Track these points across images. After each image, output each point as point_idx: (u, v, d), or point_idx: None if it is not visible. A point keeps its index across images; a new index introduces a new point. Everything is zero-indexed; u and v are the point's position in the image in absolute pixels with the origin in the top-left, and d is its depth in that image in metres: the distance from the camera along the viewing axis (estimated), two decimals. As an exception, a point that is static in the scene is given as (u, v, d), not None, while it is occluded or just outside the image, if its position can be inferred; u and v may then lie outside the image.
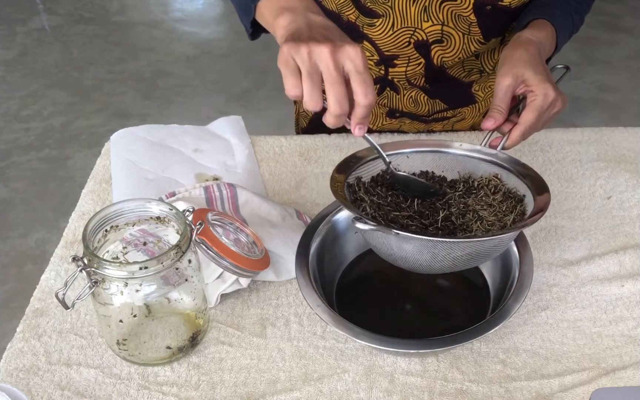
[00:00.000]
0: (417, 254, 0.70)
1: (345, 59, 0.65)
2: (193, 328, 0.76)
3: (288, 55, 0.65)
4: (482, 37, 0.98)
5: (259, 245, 0.80)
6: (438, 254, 0.69)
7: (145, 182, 0.97)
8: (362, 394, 0.71)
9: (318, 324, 0.79)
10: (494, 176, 0.81)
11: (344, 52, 0.64)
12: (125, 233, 0.75)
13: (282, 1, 0.74)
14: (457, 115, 1.11)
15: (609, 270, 0.85)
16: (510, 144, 0.81)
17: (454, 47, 0.98)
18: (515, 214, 0.75)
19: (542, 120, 0.81)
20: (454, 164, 0.83)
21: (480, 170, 0.82)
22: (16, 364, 0.75)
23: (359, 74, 0.65)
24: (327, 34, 0.67)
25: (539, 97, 0.80)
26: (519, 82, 0.81)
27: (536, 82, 0.80)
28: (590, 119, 2.76)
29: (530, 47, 0.84)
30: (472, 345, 0.76)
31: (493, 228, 0.73)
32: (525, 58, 0.82)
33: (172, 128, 1.10)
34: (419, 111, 1.09)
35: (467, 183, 0.81)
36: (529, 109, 0.80)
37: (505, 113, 0.81)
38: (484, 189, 0.79)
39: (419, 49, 0.99)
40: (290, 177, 1.03)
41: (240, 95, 2.95)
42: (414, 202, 0.76)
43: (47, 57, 3.30)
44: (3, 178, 2.49)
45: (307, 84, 0.65)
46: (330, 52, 0.64)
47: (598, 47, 3.23)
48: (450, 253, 0.69)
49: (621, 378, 0.72)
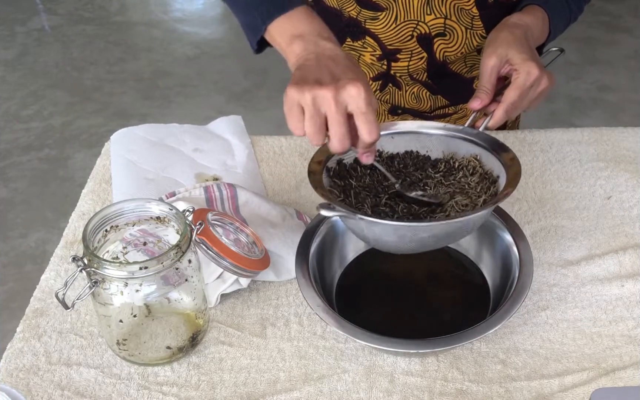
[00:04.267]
0: (385, 235, 0.72)
1: (348, 99, 0.66)
2: (193, 328, 0.76)
3: (292, 99, 0.67)
4: (484, 31, 0.98)
5: (259, 245, 0.80)
6: (405, 235, 0.71)
7: (145, 181, 0.97)
8: (362, 394, 0.71)
9: (318, 324, 0.79)
10: (473, 157, 0.82)
11: (346, 92, 0.66)
12: (125, 233, 0.75)
13: (291, 27, 0.75)
14: (458, 111, 1.11)
15: (609, 270, 0.85)
16: (494, 122, 0.83)
17: (456, 41, 0.99)
18: (487, 195, 0.76)
19: (527, 99, 0.83)
20: (438, 144, 0.84)
21: (463, 151, 0.83)
22: (16, 364, 0.75)
23: (362, 113, 0.66)
24: (334, 67, 0.68)
25: (522, 75, 0.81)
26: (503, 62, 0.83)
27: (519, 61, 0.81)
28: (590, 119, 2.76)
29: (516, 29, 0.86)
30: (472, 345, 0.76)
31: (466, 209, 0.75)
32: (510, 39, 0.84)
33: (171, 127, 1.10)
34: (421, 107, 1.09)
35: (448, 163, 0.82)
36: (511, 87, 0.82)
37: (490, 93, 0.83)
38: (463, 169, 0.81)
39: (422, 43, 0.99)
40: (290, 177, 1.03)
41: (240, 95, 2.95)
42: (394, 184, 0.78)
43: (47, 57, 3.30)
44: (3, 178, 2.49)
45: (310, 126, 0.67)
46: (333, 97, 0.65)
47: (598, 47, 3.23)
48: (416, 235, 0.71)
49: (621, 378, 0.72)
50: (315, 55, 0.71)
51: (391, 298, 0.83)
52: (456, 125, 0.84)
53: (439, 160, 0.83)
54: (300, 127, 0.68)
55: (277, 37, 0.76)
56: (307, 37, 0.73)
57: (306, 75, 0.68)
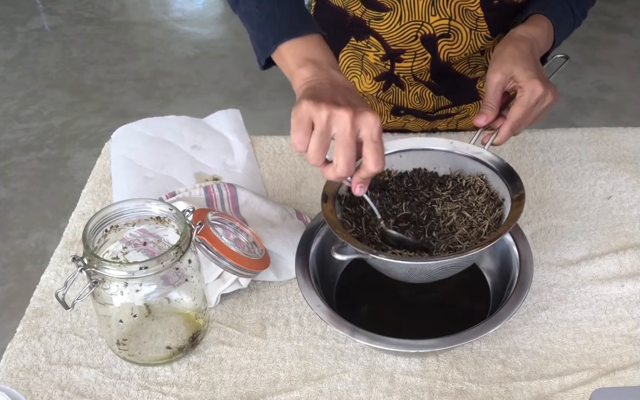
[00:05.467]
0: (396, 268, 0.74)
1: (363, 125, 0.66)
2: (193, 328, 0.76)
3: (306, 112, 0.66)
4: (488, 32, 0.98)
5: (259, 245, 0.80)
6: (414, 269, 0.74)
7: (145, 180, 0.97)
8: (362, 394, 0.71)
9: (318, 324, 0.79)
10: (479, 177, 0.82)
11: (363, 118, 0.65)
12: (125, 233, 0.75)
13: (306, 51, 0.74)
14: (461, 112, 1.11)
15: (609, 270, 0.85)
16: (500, 139, 0.83)
17: (460, 42, 0.99)
18: (491, 220, 0.77)
19: (531, 115, 0.83)
20: (445, 161, 0.84)
21: (469, 169, 0.83)
22: (16, 364, 0.75)
23: (373, 142, 0.66)
24: (349, 95, 0.68)
25: (526, 93, 0.81)
26: (508, 79, 0.83)
27: (524, 78, 0.81)
28: (590, 119, 2.76)
29: (522, 43, 0.86)
30: (472, 345, 0.76)
31: (468, 241, 0.76)
32: (516, 55, 0.84)
33: (169, 121, 1.09)
34: (424, 108, 1.09)
35: (455, 181, 0.83)
36: (516, 104, 0.82)
37: (495, 110, 0.83)
38: (470, 188, 0.82)
39: (426, 44, 0.99)
40: (290, 177, 1.03)
41: (240, 95, 2.95)
42: (402, 205, 0.81)
43: (47, 57, 3.30)
44: (3, 178, 2.49)
45: (315, 143, 0.66)
46: (350, 118, 0.65)
47: (598, 47, 3.23)
48: (424, 269, 0.74)
49: (621, 378, 0.72)
50: (330, 81, 0.70)
51: (391, 298, 0.83)
52: (463, 142, 0.84)
53: (447, 177, 0.84)
54: (305, 142, 0.66)
55: (288, 57, 0.75)
56: (321, 64, 0.72)
57: (322, 95, 0.67)
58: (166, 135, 1.06)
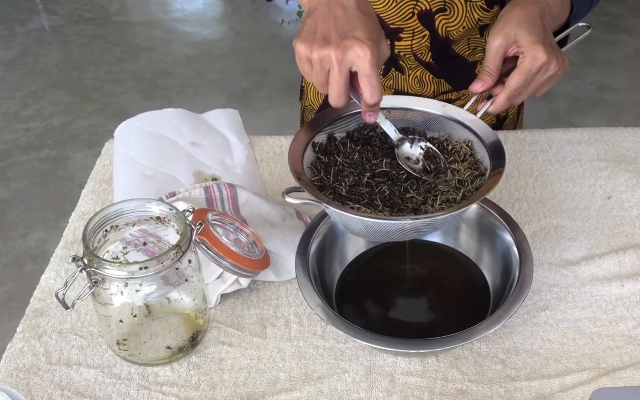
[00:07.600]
0: (351, 224, 0.72)
1: (354, 59, 0.66)
2: (193, 328, 0.76)
3: (301, 55, 0.69)
4: (484, 2, 0.97)
5: (259, 245, 0.80)
6: (371, 227, 0.71)
7: (144, 178, 0.97)
8: (362, 394, 0.71)
9: (318, 324, 0.79)
10: (465, 143, 0.79)
11: (352, 53, 0.66)
12: (125, 233, 0.75)
13: None
14: (461, 98, 1.10)
15: (609, 270, 0.85)
16: (495, 108, 0.79)
17: (457, 16, 0.98)
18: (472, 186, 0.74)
19: (532, 85, 0.78)
20: (435, 123, 0.81)
21: (458, 134, 0.80)
22: (16, 364, 0.75)
23: (365, 76, 0.67)
24: (343, 20, 0.68)
25: (528, 59, 0.76)
26: (510, 43, 0.77)
27: (527, 43, 0.76)
28: (590, 119, 2.76)
29: (531, 6, 0.79)
30: (472, 345, 0.76)
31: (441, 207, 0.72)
32: (521, 17, 0.78)
33: (167, 114, 1.08)
34: (424, 92, 1.09)
35: (442, 145, 0.80)
36: (516, 71, 0.77)
37: (495, 75, 0.78)
38: (455, 154, 0.78)
39: (423, 20, 0.99)
40: (290, 177, 1.02)
41: (240, 95, 2.95)
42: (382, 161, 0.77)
43: (47, 57, 3.30)
44: (3, 178, 2.49)
45: (316, 81, 0.70)
46: (336, 58, 0.66)
47: (598, 47, 3.23)
48: (381, 228, 0.71)
49: (621, 378, 0.72)
50: (327, 4, 0.70)
51: (391, 298, 0.83)
52: (455, 107, 0.81)
53: (434, 139, 0.80)
54: None
55: None
56: None
57: (314, 27, 0.68)
58: (165, 131, 1.05)
